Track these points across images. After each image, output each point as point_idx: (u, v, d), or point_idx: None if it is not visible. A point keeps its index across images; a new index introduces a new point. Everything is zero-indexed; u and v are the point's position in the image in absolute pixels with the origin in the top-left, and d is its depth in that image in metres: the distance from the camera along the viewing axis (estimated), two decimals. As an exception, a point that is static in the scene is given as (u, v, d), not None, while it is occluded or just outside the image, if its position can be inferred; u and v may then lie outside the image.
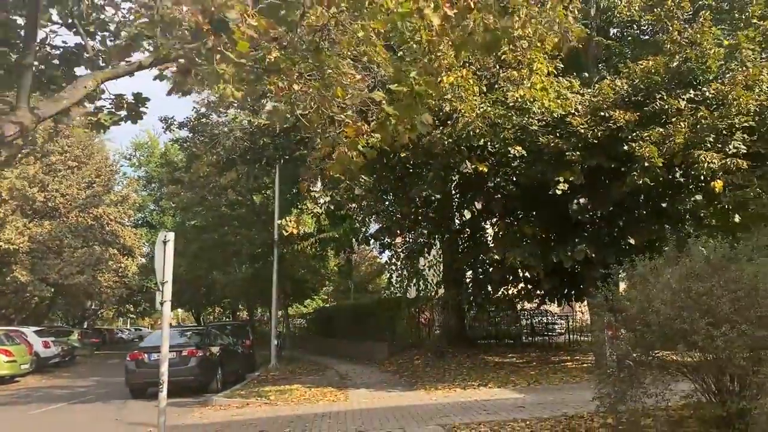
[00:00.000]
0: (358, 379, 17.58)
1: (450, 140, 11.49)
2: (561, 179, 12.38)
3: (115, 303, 46.20)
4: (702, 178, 11.80)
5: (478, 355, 20.27)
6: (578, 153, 12.17)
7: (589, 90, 13.19)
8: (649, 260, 8.15)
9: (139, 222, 49.33)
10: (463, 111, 10.84)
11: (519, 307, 24.02)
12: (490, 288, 15.87)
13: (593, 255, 13.13)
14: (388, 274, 23.96)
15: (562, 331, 25.65)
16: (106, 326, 62.57)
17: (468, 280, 17.08)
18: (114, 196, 46.43)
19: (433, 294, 23.18)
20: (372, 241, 17.23)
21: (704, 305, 6.79)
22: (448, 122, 11.41)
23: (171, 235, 8.85)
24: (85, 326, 48.91)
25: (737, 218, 14.11)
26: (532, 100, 11.21)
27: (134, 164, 49.66)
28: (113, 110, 8.09)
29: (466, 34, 4.45)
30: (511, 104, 11.49)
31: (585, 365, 16.74)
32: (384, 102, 3.89)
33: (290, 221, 12.39)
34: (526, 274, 15.60)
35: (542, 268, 13.45)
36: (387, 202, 16.03)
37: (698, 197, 12.23)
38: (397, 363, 20.81)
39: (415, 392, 13.56)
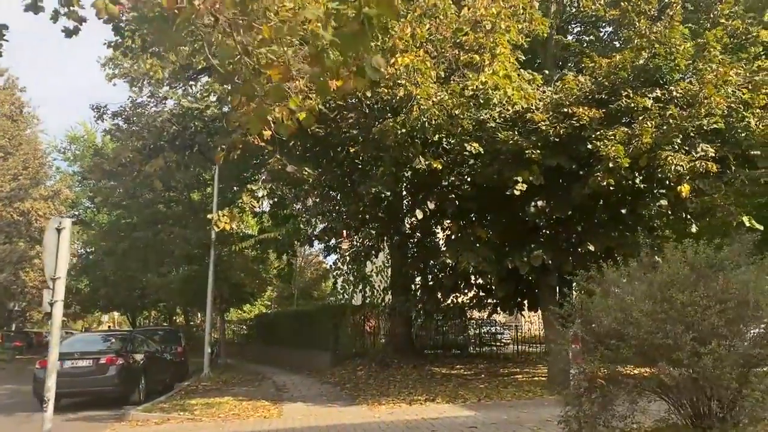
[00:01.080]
0: (296, 392, 16.32)
1: (403, 131, 10.47)
2: (519, 179, 11.53)
3: (29, 304, 43.28)
4: (668, 182, 11.12)
5: (425, 366, 19.30)
6: (538, 151, 11.34)
7: (550, 88, 12.41)
8: (613, 268, 7.29)
9: (73, 220, 46.51)
10: (418, 97, 9.84)
11: (468, 316, 23.24)
12: (440, 295, 14.86)
13: (550, 261, 12.31)
14: (333, 279, 22.78)
15: (509, 341, 24.98)
16: (36, 329, 59.04)
17: (417, 287, 16.03)
18: (45, 191, 43.75)
19: (379, 301, 22.16)
20: (316, 242, 16.01)
21: (688, 317, 5.91)
22: (402, 111, 10.38)
23: (67, 222, 7.49)
24: (7, 329, 45.76)
25: (694, 228, 13.62)
26: (494, 88, 10.30)
27: (69, 158, 46.86)
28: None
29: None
30: (470, 94, 10.54)
31: (536, 379, 15.95)
32: (319, 25, 2.84)
33: (223, 216, 11.07)
34: (479, 280, 14.68)
35: (496, 274, 12.54)
36: (333, 202, 14.92)
37: (663, 202, 11.56)
38: (339, 374, 19.65)
39: (357, 407, 12.43)
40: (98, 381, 14.03)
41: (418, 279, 19.24)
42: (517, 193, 11.46)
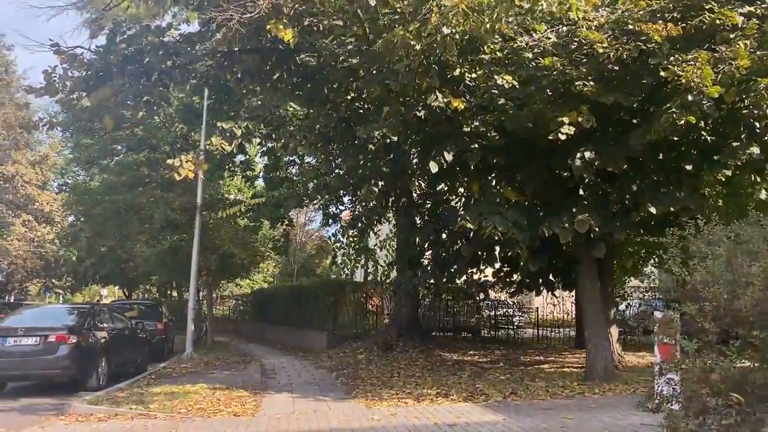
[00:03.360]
0: (285, 378, 13.98)
1: (417, 47, 7.92)
2: (565, 120, 8.97)
3: (27, 275, 41.05)
4: (759, 124, 8.55)
5: (433, 350, 16.95)
6: (592, 84, 8.77)
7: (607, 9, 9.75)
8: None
9: (63, 188, 43.97)
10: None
11: (483, 295, 20.84)
12: (456, 269, 12.32)
13: (597, 228, 9.80)
14: (333, 253, 20.37)
15: (521, 325, 22.49)
16: (28, 302, 57.08)
17: (428, 260, 13.49)
18: (32, 156, 41.35)
19: (383, 277, 19.78)
20: (306, 201, 13.42)
21: None
22: (416, 18, 7.81)
23: None
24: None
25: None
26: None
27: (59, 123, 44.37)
28: None
29: None
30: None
31: (566, 370, 13.51)
32: None
33: (186, 161, 8.58)
34: (502, 253, 12.11)
35: (528, 243, 10.02)
36: (327, 151, 12.35)
37: (754, 149, 8.99)
38: (336, 357, 17.33)
39: (352, 403, 10.04)
40: (45, 362, 11.68)
41: (428, 253, 16.83)
42: (562, 137, 8.92)
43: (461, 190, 13.02)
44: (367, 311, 21.05)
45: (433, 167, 9.83)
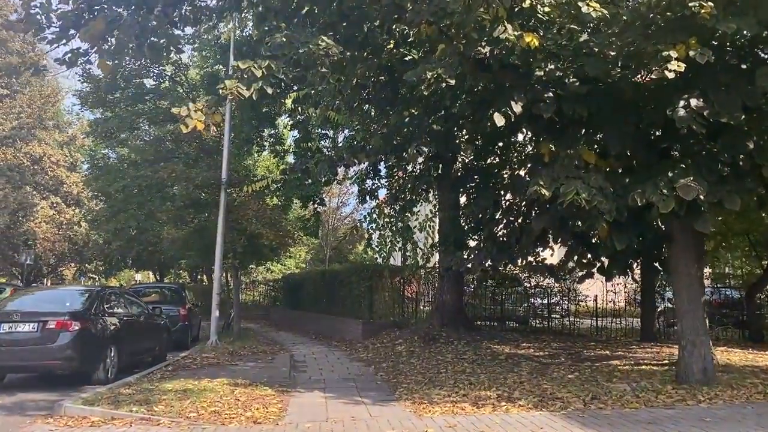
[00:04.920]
0: (315, 372, 12.35)
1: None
2: (673, 55, 6.99)
3: (59, 259, 40.26)
4: None
5: (481, 342, 15.13)
6: (711, 5, 6.76)
7: None
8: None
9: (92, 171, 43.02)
10: None
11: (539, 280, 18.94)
12: (518, 249, 10.26)
13: (702, 197, 7.79)
14: (368, 234, 18.60)
15: (564, 313, 20.35)
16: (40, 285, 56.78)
17: (482, 237, 11.48)
18: (59, 136, 40.47)
19: (423, 261, 17.94)
20: (339, 167, 11.50)
21: None
22: None
23: None
24: (26, 284, 42.99)
25: None
26: None
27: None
28: None
29: None
30: None
31: (645, 368, 11.47)
32: None
33: (195, 110, 6.87)
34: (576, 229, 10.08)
35: (615, 215, 8.06)
36: (367, 118, 10.49)
37: None
38: (373, 348, 15.71)
39: (397, 407, 8.29)
40: (43, 352, 10.19)
41: (478, 232, 14.92)
42: (670, 75, 6.93)
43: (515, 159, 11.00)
44: (406, 298, 19.35)
45: (499, 120, 7.90)
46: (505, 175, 12.54)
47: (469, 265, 10.94)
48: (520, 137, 13.11)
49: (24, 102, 31.51)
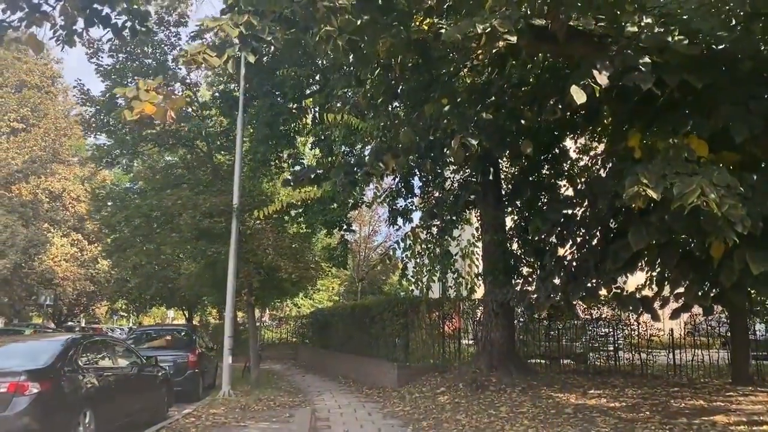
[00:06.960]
0: (339, 438, 9.93)
1: None
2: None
3: (76, 298, 38.71)
4: None
5: (538, 388, 12.56)
6: None
7: None
8: None
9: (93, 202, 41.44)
10: None
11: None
12: (601, 277, 7.65)
13: None
14: (401, 263, 16.16)
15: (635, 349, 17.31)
16: (93, 325, 55.49)
17: (542, 263, 8.91)
18: (80, 171, 39.26)
19: (468, 292, 15.47)
20: (355, 173, 9.03)
21: None
22: None
23: None
24: (57, 324, 41.48)
25: None
26: None
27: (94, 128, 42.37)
28: None
29: None
30: None
31: (766, 427, 8.78)
32: None
33: (143, 89, 4.69)
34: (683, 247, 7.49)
35: (750, 226, 5.57)
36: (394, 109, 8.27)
37: None
38: (410, 398, 13.25)
39: None
40: (-8, 422, 8.01)
41: (527, 262, 12.35)
42: None
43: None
44: (446, 336, 16.85)
45: (578, 96, 5.52)
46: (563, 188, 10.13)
47: (533, 300, 8.43)
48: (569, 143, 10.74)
49: (39, 135, 30.23)
